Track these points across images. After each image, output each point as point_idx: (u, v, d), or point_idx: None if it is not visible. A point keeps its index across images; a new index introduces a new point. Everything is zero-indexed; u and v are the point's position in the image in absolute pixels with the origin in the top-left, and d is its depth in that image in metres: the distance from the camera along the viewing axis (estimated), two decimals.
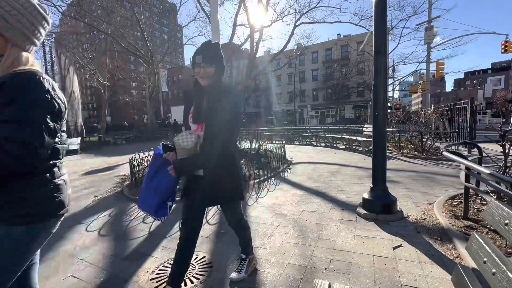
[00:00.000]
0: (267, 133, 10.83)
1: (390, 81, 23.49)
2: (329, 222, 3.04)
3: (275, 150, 7.33)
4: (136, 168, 5.44)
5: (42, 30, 1.05)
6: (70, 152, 12.02)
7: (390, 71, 23.34)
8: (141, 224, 3.24)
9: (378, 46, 3.16)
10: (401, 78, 24.37)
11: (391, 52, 20.75)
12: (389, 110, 16.33)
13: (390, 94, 26.97)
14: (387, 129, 5.40)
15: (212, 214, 3.45)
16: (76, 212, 3.75)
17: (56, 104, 1.00)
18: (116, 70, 26.01)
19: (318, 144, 11.68)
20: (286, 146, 8.36)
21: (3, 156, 0.84)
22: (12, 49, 0.97)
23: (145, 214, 3.57)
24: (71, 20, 23.59)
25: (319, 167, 6.40)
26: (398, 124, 10.60)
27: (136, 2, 20.67)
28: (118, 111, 52.37)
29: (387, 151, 6.30)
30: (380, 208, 3.10)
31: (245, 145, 7.70)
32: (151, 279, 2.07)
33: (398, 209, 3.21)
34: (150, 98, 22.13)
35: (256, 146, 7.45)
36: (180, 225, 1.83)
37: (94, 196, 4.54)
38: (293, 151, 9.26)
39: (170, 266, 2.25)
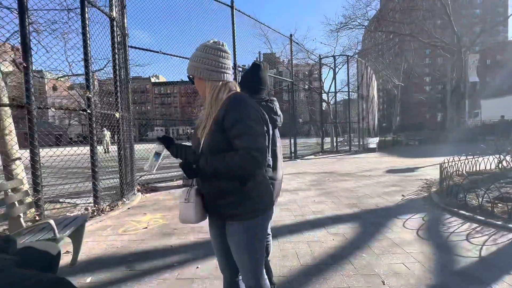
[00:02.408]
0: None
1: None
2: None
3: None
4: (444, 174, 4.92)
5: (224, 60, 1.23)
6: (370, 150, 13.92)
7: None
8: (465, 242, 2.84)
9: None
10: None
11: None
12: None
13: None
14: None
15: None
16: (389, 206, 4.22)
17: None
18: (411, 69, 25.45)
19: None
20: None
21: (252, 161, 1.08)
22: (209, 83, 1.22)
23: (469, 230, 3.09)
24: (371, 34, 26.86)
25: None
26: None
27: None
28: (407, 110, 51.18)
29: None
30: None
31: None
32: None
33: None
34: (452, 93, 18.87)
35: None
36: None
37: (402, 195, 4.81)
38: None
39: None
